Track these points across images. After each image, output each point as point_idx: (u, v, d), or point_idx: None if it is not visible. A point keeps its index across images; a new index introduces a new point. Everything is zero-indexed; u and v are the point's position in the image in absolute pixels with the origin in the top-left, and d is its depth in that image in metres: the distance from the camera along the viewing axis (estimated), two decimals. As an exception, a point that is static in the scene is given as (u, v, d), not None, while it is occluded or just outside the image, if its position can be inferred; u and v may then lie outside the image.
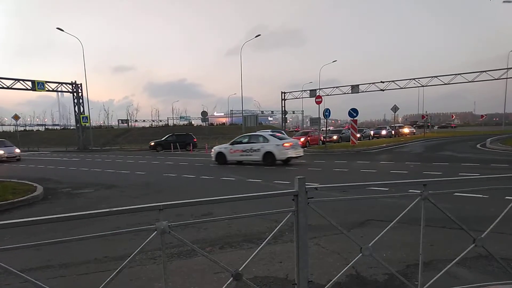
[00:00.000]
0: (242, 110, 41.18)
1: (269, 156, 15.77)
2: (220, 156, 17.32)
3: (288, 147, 15.82)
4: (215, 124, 74.10)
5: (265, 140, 16.32)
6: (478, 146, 24.43)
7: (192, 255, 4.49)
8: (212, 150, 17.98)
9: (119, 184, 11.37)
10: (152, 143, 31.83)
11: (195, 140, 32.72)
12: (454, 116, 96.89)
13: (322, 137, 29.75)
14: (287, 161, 16.44)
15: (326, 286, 2.58)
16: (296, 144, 16.63)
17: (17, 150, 24.75)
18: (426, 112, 69.22)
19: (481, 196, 7.12)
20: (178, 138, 31.70)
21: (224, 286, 2.31)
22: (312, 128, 41.58)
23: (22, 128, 72.74)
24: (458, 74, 35.63)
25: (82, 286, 3.69)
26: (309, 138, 30.84)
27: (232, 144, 17.16)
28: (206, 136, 42.60)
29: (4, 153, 23.40)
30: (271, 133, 18.96)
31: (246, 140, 17.08)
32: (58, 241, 1.91)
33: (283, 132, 29.67)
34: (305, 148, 27.57)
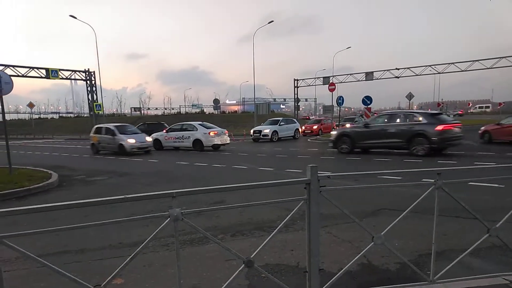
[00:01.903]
0: (254, 98, 41.00)
1: (197, 143, 17.93)
2: (157, 142, 19.75)
3: (213, 135, 18.05)
4: (227, 112, 74.09)
5: (194, 128, 18.37)
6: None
7: (204, 242, 4.55)
8: (150, 137, 19.77)
9: (131, 171, 11.53)
10: None
11: (164, 130, 33.09)
12: (470, 104, 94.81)
13: (335, 125, 29.58)
14: (215, 148, 18.54)
15: (337, 275, 2.59)
16: (221, 132, 18.63)
17: (148, 138, 18.80)
18: (442, 99, 67.99)
19: (496, 185, 7.00)
20: (149, 127, 32.00)
21: (236, 273, 2.34)
22: (325, 116, 41.28)
23: (36, 116, 73.98)
24: (476, 60, 34.84)
25: (97, 271, 3.78)
26: (322, 126, 30.72)
27: (167, 131, 19.17)
28: (218, 124, 42.79)
29: (135, 142, 17.47)
30: (200, 122, 20.00)
31: (178, 128, 19.21)
32: (75, 227, 1.96)
33: (294, 120, 29.51)
34: (318, 136, 27.55)
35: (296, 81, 46.86)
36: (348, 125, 32.50)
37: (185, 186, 8.44)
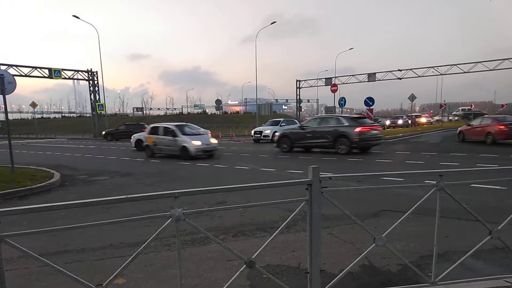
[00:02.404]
0: (256, 99, 40.97)
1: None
2: (139, 143, 19.17)
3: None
4: (229, 113, 74.10)
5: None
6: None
7: (205, 242, 4.55)
8: (132, 137, 20.18)
9: (133, 171, 11.55)
10: (104, 132, 33.40)
11: (143, 130, 33.85)
12: (473, 106, 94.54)
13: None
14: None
15: (339, 276, 2.59)
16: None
17: (214, 141, 16.40)
18: (444, 101, 67.74)
19: (499, 187, 6.97)
20: (128, 127, 32.15)
21: (237, 273, 2.34)
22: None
23: (39, 116, 74.07)
24: (479, 62, 34.69)
25: (98, 271, 3.78)
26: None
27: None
28: (220, 124, 42.76)
29: (201, 144, 15.14)
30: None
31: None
32: (76, 227, 1.96)
33: (295, 121, 29.37)
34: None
35: (298, 82, 46.84)
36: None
37: (186, 186, 8.45)
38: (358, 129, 14.86)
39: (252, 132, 26.13)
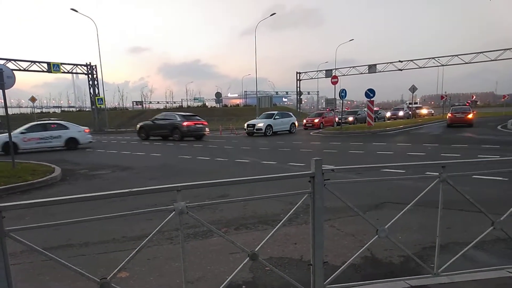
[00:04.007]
0: (256, 91, 40.86)
1: (71, 141, 17.87)
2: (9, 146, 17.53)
3: (88, 132, 18.93)
4: (229, 106, 73.96)
5: (65, 127, 18.06)
6: (498, 127, 23.83)
7: (208, 235, 4.56)
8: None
9: (134, 165, 11.56)
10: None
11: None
12: (474, 96, 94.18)
13: (337, 119, 29.44)
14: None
15: (341, 267, 2.60)
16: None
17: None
18: (445, 92, 67.50)
19: (501, 178, 6.98)
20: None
21: (241, 266, 2.34)
22: (328, 109, 41.11)
23: (39, 110, 74.07)
24: (480, 52, 34.61)
25: (102, 264, 3.80)
26: (323, 119, 30.59)
27: (25, 132, 16.99)
28: (220, 117, 42.70)
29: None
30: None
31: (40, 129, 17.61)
32: (80, 221, 1.96)
33: (291, 114, 28.27)
34: (320, 130, 27.45)
35: (298, 74, 46.71)
36: (350, 118, 32.59)
37: (188, 180, 8.45)
38: (185, 123, 21.07)
39: (245, 125, 25.80)
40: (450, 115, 26.20)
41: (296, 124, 27.78)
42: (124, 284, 3.19)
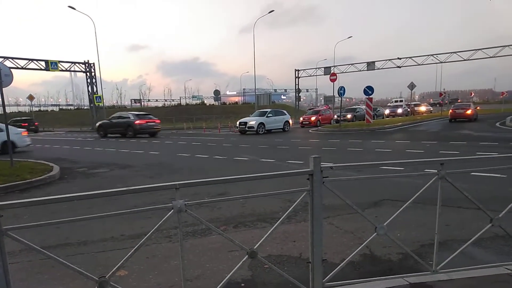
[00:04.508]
0: (255, 89, 40.84)
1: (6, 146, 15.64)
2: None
3: (27, 135, 17.38)
4: (227, 103, 73.91)
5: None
6: (497, 124, 23.86)
7: (206, 233, 4.56)
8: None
9: (133, 164, 11.54)
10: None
11: (36, 124, 38.51)
12: (472, 94, 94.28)
13: (335, 116, 29.36)
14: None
15: (340, 265, 2.60)
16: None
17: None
18: (444, 89, 67.55)
19: (499, 175, 6.99)
20: (17, 123, 32.00)
21: (240, 264, 2.34)
22: (325, 106, 41.04)
23: (37, 108, 73.87)
24: (479, 49, 34.57)
25: (100, 263, 3.80)
26: (320, 117, 30.52)
27: None
28: (219, 115, 42.65)
29: None
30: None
31: None
32: (79, 219, 1.96)
33: (284, 112, 27.79)
34: (318, 127, 27.42)
35: (297, 72, 46.62)
36: (349, 116, 32.57)
37: (187, 178, 8.46)
38: (137, 122, 23.31)
39: (237, 123, 25.55)
40: (451, 111, 28.86)
41: (291, 122, 27.43)
42: (122, 282, 3.19)
